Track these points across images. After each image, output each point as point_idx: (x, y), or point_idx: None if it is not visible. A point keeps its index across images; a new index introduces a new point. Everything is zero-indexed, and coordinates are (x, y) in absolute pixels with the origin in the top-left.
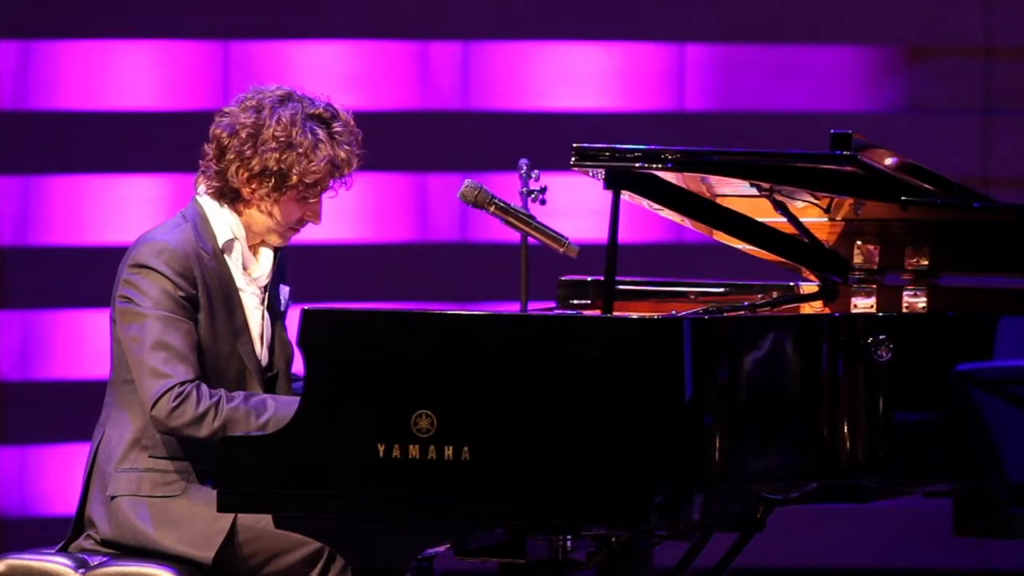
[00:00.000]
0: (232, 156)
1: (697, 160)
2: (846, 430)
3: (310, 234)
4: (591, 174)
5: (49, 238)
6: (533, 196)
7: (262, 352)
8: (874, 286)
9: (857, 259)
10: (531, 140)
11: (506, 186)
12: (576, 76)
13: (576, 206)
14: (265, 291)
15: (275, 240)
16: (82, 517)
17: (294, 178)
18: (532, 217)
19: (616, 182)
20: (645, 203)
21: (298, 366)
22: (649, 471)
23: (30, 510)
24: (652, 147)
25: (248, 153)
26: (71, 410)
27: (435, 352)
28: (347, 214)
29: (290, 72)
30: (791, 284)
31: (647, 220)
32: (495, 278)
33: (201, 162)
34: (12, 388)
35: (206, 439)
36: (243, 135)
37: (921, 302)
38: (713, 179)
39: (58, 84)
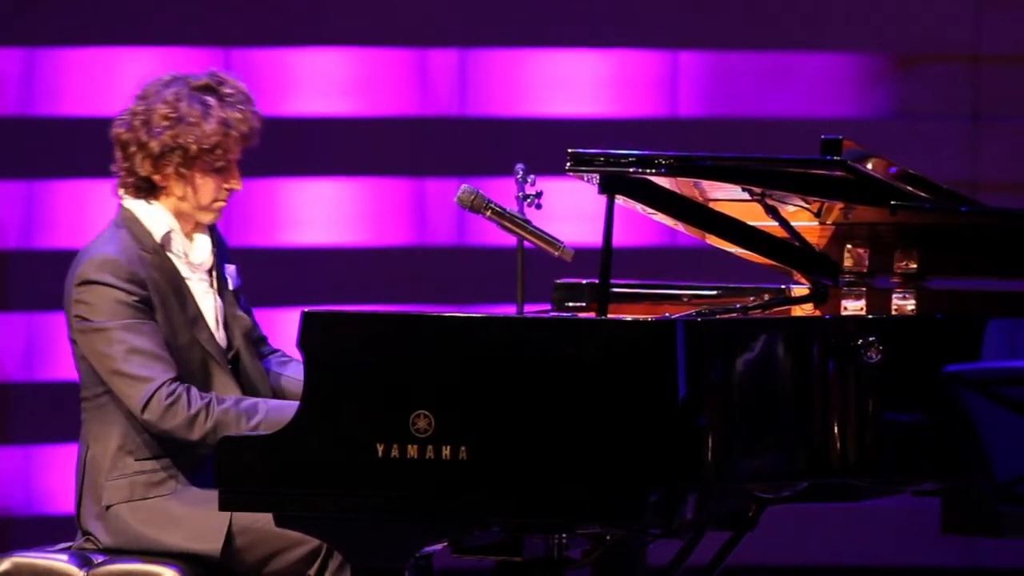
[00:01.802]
0: (133, 148)
1: (690, 165)
2: (837, 430)
3: (310, 237)
4: (586, 179)
5: (53, 242)
6: (529, 200)
7: (219, 334)
8: (864, 289)
9: (847, 262)
10: (527, 145)
11: (502, 191)
12: (571, 83)
13: (571, 210)
14: (211, 274)
15: (207, 217)
16: (80, 525)
17: (193, 148)
18: (528, 221)
19: (610, 187)
20: (639, 207)
21: (279, 345)
22: (643, 471)
23: (34, 509)
24: (646, 152)
25: (144, 139)
26: (74, 411)
27: (433, 353)
28: (346, 218)
29: (290, 78)
30: (782, 287)
31: (641, 224)
32: (492, 281)
33: (112, 168)
34: (17, 389)
35: (198, 442)
36: (136, 124)
37: (910, 304)
38: (706, 184)
39: (62, 90)
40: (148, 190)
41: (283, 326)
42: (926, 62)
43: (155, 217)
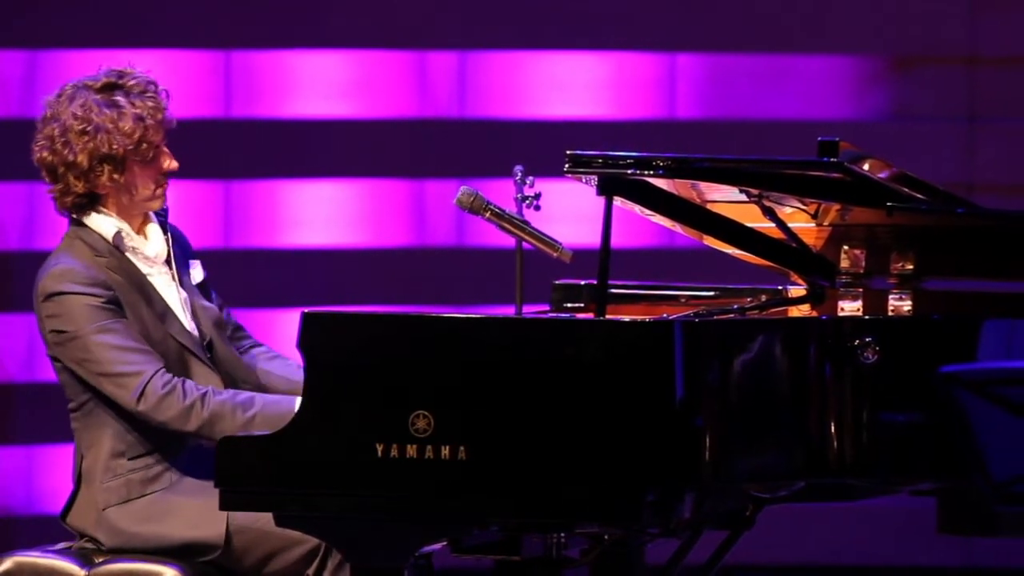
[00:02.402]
0: (62, 170)
1: (688, 167)
2: (833, 430)
3: (310, 239)
4: (584, 180)
5: (54, 243)
6: (528, 202)
7: (190, 324)
8: (860, 290)
9: (844, 263)
10: (526, 147)
11: (501, 192)
12: (569, 85)
13: (570, 212)
14: (169, 266)
15: (153, 205)
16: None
17: (119, 151)
18: (527, 222)
19: (609, 188)
20: (637, 209)
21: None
22: (641, 471)
23: (36, 508)
24: (644, 154)
25: (71, 158)
26: None
27: (432, 354)
28: (346, 219)
29: (290, 80)
30: (779, 288)
31: (639, 225)
32: (491, 282)
33: (48, 192)
34: (19, 389)
35: (193, 434)
36: (57, 147)
37: (906, 305)
38: (703, 185)
39: None
40: (89, 203)
41: (283, 327)
42: (922, 64)
43: (103, 221)
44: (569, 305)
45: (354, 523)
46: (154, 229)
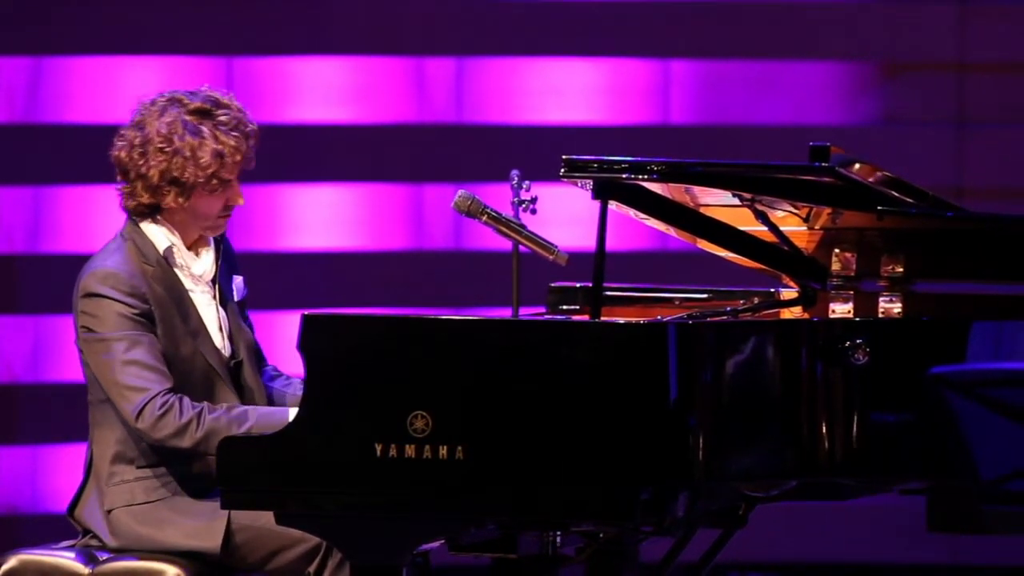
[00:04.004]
0: (133, 176)
1: (681, 171)
2: (824, 430)
3: (310, 242)
4: (580, 185)
5: (59, 246)
6: (524, 206)
7: (224, 344)
8: (851, 292)
9: (835, 266)
10: (522, 152)
11: (498, 196)
12: (565, 91)
13: (565, 215)
14: (214, 285)
15: (210, 232)
16: (78, 521)
17: (189, 180)
18: (523, 226)
19: (604, 192)
20: (632, 212)
21: (273, 360)
22: (635, 470)
23: (41, 507)
24: (638, 159)
25: (144, 170)
26: (81, 411)
27: (430, 355)
28: (346, 223)
29: (291, 87)
30: (772, 290)
31: (633, 229)
32: (488, 284)
33: (117, 189)
34: (24, 390)
35: (190, 450)
36: (135, 155)
37: (897, 307)
38: (697, 189)
39: (68, 98)
40: (151, 212)
41: (283, 328)
42: (912, 70)
43: (158, 232)
44: (565, 307)
45: (353, 522)
46: (207, 251)
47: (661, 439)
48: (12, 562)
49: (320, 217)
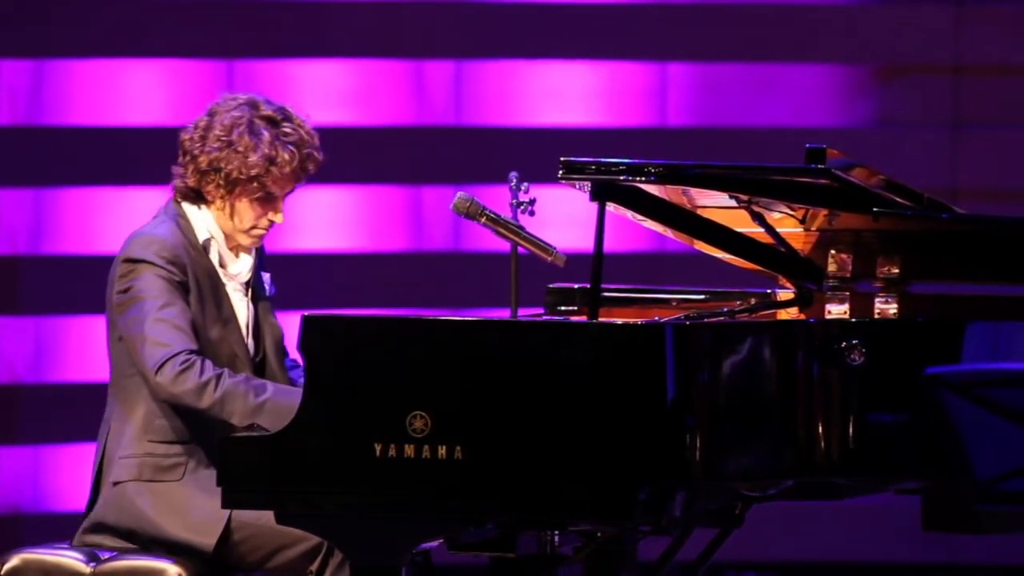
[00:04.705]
0: (187, 158)
1: (679, 173)
2: (821, 430)
3: (310, 243)
4: (578, 186)
5: (61, 247)
6: (522, 207)
7: (249, 340)
8: (847, 293)
9: (831, 267)
10: (520, 154)
11: (497, 198)
12: (563, 93)
13: (563, 217)
14: (247, 286)
15: (244, 241)
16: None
17: (233, 174)
18: (522, 227)
19: (602, 194)
20: (629, 214)
21: (293, 352)
22: (633, 470)
23: (43, 507)
24: (636, 161)
25: (196, 152)
26: (82, 411)
27: (429, 356)
28: (346, 224)
29: (290, 89)
30: (768, 291)
31: (631, 230)
32: (487, 286)
33: (172, 167)
34: (26, 390)
35: (205, 411)
36: (196, 137)
37: (892, 308)
38: (694, 191)
39: (70, 101)
40: (195, 198)
41: (284, 329)
42: (908, 73)
43: (200, 220)
44: (563, 308)
45: (353, 521)
46: (247, 253)
47: (659, 439)
48: (14, 561)
49: (320, 218)
